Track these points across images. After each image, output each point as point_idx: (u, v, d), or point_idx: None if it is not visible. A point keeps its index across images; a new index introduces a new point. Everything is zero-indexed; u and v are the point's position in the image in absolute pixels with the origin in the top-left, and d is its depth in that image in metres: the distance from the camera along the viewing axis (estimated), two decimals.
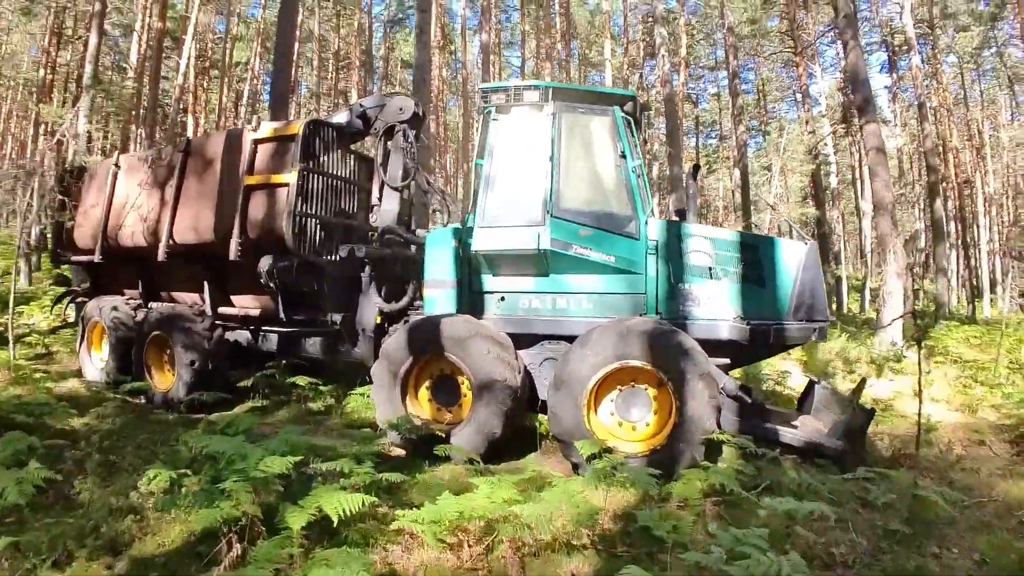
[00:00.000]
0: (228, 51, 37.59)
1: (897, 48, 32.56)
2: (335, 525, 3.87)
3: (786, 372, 10.51)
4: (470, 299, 6.95)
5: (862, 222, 32.89)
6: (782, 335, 6.18)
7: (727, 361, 6.29)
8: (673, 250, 6.41)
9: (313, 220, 7.98)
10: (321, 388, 8.52)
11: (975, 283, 31.01)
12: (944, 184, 30.38)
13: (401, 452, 6.44)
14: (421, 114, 8.25)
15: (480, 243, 6.64)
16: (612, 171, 6.65)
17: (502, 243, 6.58)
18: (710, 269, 6.33)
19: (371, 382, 6.73)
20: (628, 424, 6.07)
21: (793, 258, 6.25)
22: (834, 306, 24.98)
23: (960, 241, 34.40)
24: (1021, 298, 24.98)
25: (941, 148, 30.79)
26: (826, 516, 4.17)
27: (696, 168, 7.37)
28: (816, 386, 7.17)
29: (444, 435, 6.19)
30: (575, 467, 5.88)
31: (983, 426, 7.99)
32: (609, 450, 5.62)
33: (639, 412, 6.03)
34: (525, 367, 6.54)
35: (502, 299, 6.85)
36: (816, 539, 4.34)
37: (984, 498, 5.60)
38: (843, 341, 13.40)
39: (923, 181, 32.91)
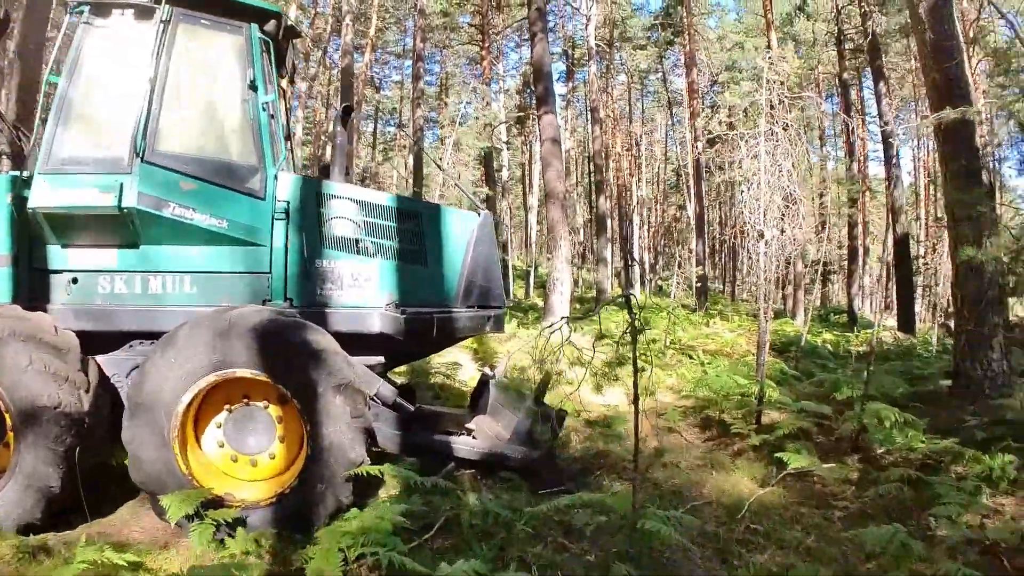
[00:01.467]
0: None
1: (576, 60, 34.62)
2: None
3: (456, 364, 9.51)
4: (31, 281, 4.64)
5: (528, 215, 34.68)
6: (449, 325, 4.98)
7: (380, 360, 4.92)
8: (310, 216, 4.82)
9: None
10: None
11: (628, 273, 34.17)
12: (606, 185, 33.01)
13: None
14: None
15: (41, 197, 4.42)
16: (236, 105, 4.82)
17: (71, 198, 4.41)
18: (358, 242, 4.86)
19: None
20: (245, 458, 4.36)
21: (463, 230, 5.07)
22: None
23: (617, 237, 37.81)
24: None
25: (605, 153, 33.35)
26: None
27: (348, 111, 5.86)
28: (490, 381, 6.11)
29: None
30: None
31: (667, 410, 7.71)
32: (219, 501, 3.93)
33: (259, 440, 4.35)
34: (100, 380, 4.44)
35: (74, 280, 4.66)
36: None
37: (698, 500, 5.04)
38: (514, 327, 13.00)
39: (586, 182, 35.65)
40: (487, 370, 6.64)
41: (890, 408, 5.82)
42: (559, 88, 38.14)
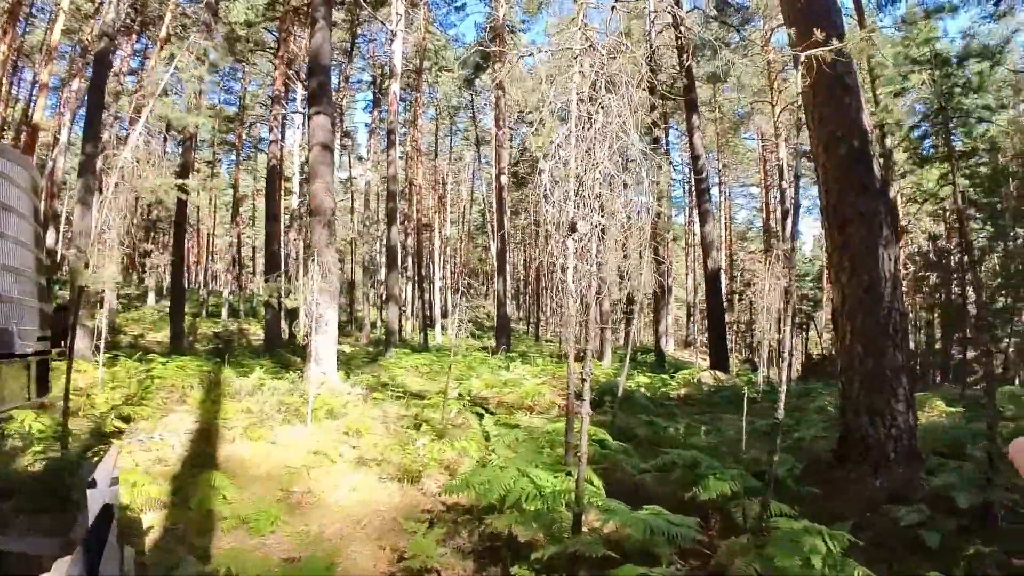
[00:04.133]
0: None
1: (385, 90, 31.89)
2: None
3: (144, 432, 6.21)
4: None
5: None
6: None
7: None
8: None
9: None
10: None
11: (428, 314, 31.86)
12: (407, 223, 30.66)
13: None
14: None
15: None
16: None
17: None
18: None
19: None
20: None
21: None
22: (286, 333, 21.49)
23: (416, 275, 35.47)
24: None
25: (408, 188, 31.00)
26: None
27: None
28: (90, 490, 2.97)
29: None
30: None
31: (430, 518, 4.72)
32: None
33: None
34: None
35: None
36: None
37: None
38: (260, 375, 9.78)
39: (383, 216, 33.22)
40: (96, 469, 3.37)
41: (816, 532, 3.24)
42: (365, 117, 35.49)
